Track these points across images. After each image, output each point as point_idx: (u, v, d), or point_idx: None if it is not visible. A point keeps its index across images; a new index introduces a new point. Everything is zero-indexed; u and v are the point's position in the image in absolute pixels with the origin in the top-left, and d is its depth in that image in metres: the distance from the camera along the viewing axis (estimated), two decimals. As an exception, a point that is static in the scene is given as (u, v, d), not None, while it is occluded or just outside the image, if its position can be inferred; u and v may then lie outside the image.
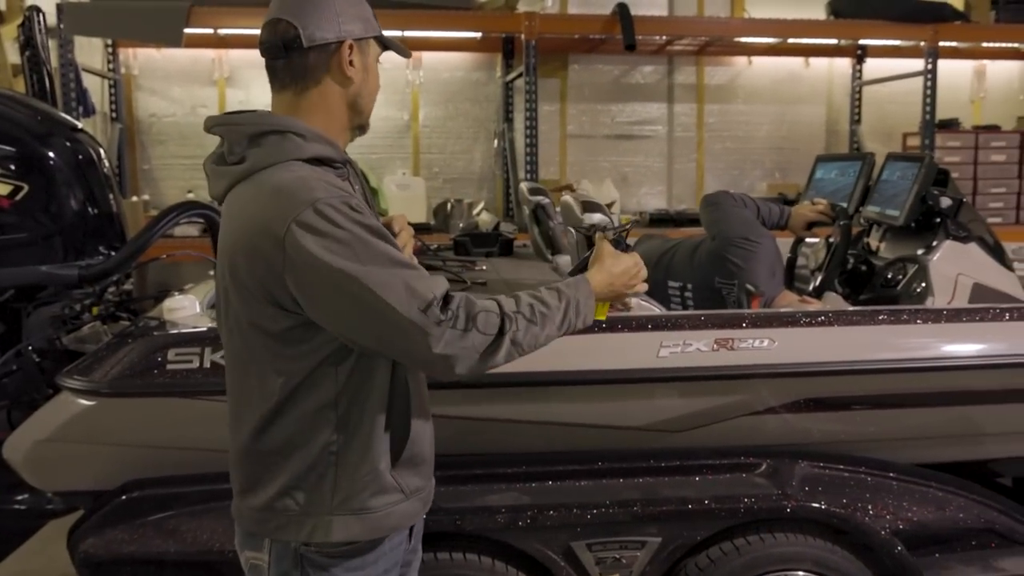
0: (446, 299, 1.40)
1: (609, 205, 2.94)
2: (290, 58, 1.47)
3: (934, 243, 2.78)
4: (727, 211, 2.84)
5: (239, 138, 1.48)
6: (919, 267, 2.72)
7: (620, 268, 1.61)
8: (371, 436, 1.49)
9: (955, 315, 2.44)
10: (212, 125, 1.52)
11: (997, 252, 2.82)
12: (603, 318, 1.60)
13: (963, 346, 2.39)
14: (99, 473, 2.28)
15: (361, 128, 1.58)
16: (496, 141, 6.80)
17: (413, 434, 1.51)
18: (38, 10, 3.40)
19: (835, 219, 2.90)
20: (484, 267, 3.37)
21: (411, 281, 1.37)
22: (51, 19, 4.41)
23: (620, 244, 1.67)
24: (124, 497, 2.25)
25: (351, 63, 1.48)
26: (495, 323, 1.42)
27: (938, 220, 2.83)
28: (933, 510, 2.41)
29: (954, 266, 2.71)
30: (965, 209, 2.81)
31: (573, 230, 2.93)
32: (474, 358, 1.41)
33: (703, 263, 2.89)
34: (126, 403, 2.16)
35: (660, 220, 6.35)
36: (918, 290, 2.68)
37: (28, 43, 3.35)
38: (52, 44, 4.19)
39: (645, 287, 1.66)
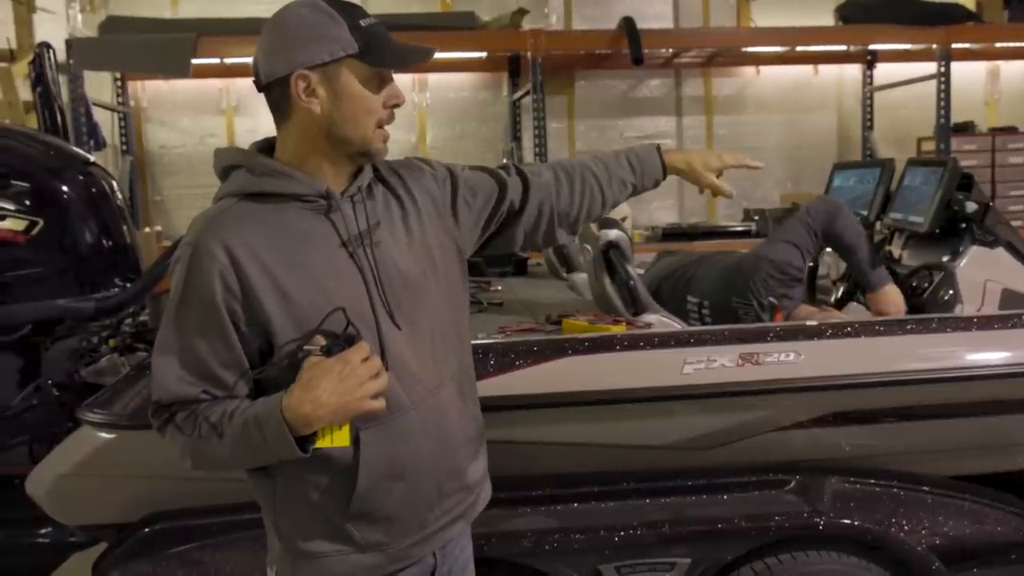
0: (163, 404, 1.46)
1: (622, 220, 2.91)
2: (265, 96, 1.47)
3: (960, 249, 2.73)
4: (787, 231, 2.79)
5: (218, 174, 1.52)
6: (946, 274, 2.68)
7: (326, 378, 1.31)
8: (306, 485, 1.46)
9: (986, 322, 2.39)
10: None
11: (1025, 256, 2.77)
12: (347, 443, 1.37)
13: (995, 354, 2.34)
14: (121, 506, 2.27)
15: (363, 155, 1.52)
16: (505, 160, 6.79)
17: (362, 491, 1.45)
18: (48, 46, 3.43)
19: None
20: (499, 287, 3.35)
21: (162, 369, 1.43)
22: (60, 55, 4.45)
23: (336, 347, 1.34)
24: (147, 530, 2.23)
25: (311, 93, 1.41)
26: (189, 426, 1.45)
27: (963, 225, 2.79)
28: (970, 524, 2.35)
29: (982, 272, 2.66)
30: (991, 213, 2.76)
31: (589, 247, 2.90)
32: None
33: (722, 281, 2.87)
34: (146, 436, 2.13)
35: (672, 234, 6.33)
36: (945, 298, 2.63)
37: (39, 79, 3.39)
38: (62, 79, 4.22)
39: (382, 403, 1.36)
